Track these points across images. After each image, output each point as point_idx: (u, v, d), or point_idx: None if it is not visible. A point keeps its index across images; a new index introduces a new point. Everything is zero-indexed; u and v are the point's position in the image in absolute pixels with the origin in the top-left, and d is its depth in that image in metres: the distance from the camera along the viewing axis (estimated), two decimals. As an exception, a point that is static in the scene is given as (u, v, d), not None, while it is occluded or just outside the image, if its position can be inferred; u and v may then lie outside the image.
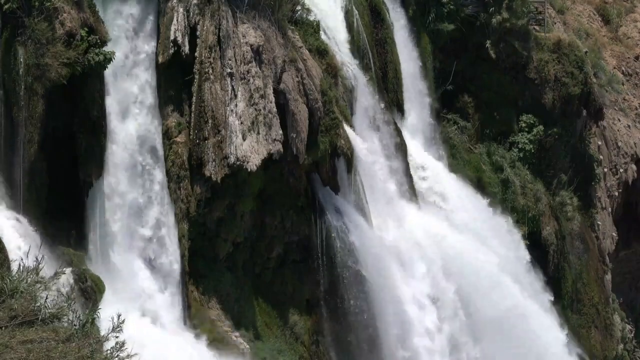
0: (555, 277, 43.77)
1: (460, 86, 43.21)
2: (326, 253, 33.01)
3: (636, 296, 53.51)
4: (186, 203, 29.60)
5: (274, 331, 32.04)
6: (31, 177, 26.26)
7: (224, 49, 29.92)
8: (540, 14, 46.66)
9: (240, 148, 29.58)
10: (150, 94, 29.47)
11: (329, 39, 35.58)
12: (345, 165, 33.63)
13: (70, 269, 25.48)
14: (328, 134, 32.43)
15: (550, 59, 44.57)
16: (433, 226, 37.40)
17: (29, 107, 25.87)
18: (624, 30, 55.58)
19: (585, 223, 46.28)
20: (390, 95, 38.66)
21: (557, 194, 44.72)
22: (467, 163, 42.21)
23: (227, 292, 31.03)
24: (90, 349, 12.06)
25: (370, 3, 38.44)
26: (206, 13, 29.81)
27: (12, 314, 12.58)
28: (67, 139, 27.34)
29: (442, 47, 42.59)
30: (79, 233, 27.69)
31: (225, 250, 31.23)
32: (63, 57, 26.06)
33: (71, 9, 26.58)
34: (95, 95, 27.23)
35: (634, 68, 54.28)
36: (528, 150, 43.86)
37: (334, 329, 33.75)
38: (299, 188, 32.69)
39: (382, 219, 35.34)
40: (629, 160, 50.66)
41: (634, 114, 52.72)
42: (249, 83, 30.19)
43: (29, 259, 13.97)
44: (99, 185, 27.71)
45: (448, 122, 42.66)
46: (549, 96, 44.37)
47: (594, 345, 45.06)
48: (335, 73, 34.53)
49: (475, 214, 39.96)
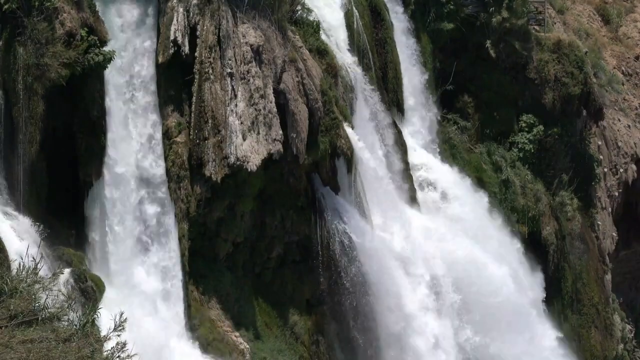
0: (555, 277, 43.76)
1: (460, 86, 43.19)
2: (326, 253, 33.00)
3: (636, 296, 53.49)
4: (186, 203, 29.59)
5: (274, 331, 32.03)
6: (31, 177, 26.25)
7: (224, 49, 29.91)
8: (540, 14, 46.65)
9: (240, 148, 29.56)
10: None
11: (329, 38, 35.57)
12: (345, 165, 33.62)
13: (70, 269, 25.48)
14: (328, 134, 32.42)
15: (550, 59, 44.54)
16: (433, 225, 37.39)
17: (29, 107, 25.87)
18: (624, 30, 55.56)
19: (585, 223, 46.26)
20: (390, 95, 38.64)
21: (557, 194, 44.70)
22: (467, 163, 42.19)
23: (227, 292, 31.02)
24: (90, 348, 12.05)
25: (370, 3, 38.43)
26: (206, 13, 29.80)
27: (12, 314, 12.57)
28: (67, 139, 27.34)
29: (442, 47, 42.59)
30: (79, 233, 27.69)
31: (225, 250, 31.22)
32: (63, 57, 26.06)
33: (71, 9, 26.58)
34: (95, 95, 27.24)
35: (634, 68, 54.26)
36: (528, 150, 43.85)
37: (334, 329, 33.74)
38: (299, 188, 32.68)
39: (382, 219, 35.32)
40: (629, 160, 50.64)
41: (634, 114, 52.69)
42: (249, 83, 30.18)
43: (28, 259, 13.95)
44: (99, 185, 27.72)
45: (448, 122, 42.65)
46: (549, 96, 44.35)
47: (594, 345, 45.04)
48: (335, 73, 34.52)
49: (475, 213, 39.93)
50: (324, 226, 32.98)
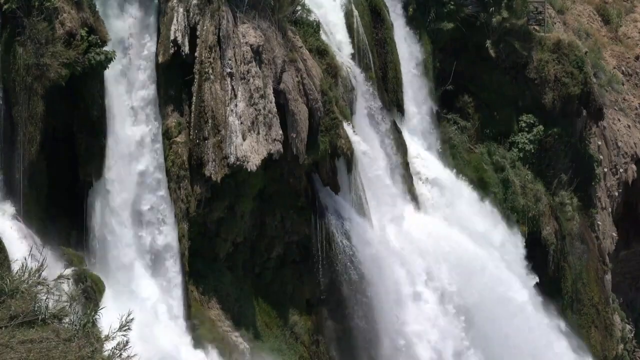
0: (555, 277, 43.77)
1: (460, 86, 43.19)
2: (326, 253, 33.00)
3: (636, 296, 53.50)
4: (186, 203, 29.59)
5: (274, 331, 32.03)
6: (31, 177, 26.24)
7: (224, 49, 29.90)
8: (540, 14, 46.63)
9: (240, 148, 29.56)
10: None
11: (329, 38, 35.57)
12: (345, 165, 33.63)
13: (70, 269, 25.48)
14: (328, 134, 32.42)
15: (550, 59, 44.53)
16: (433, 225, 37.40)
17: (29, 107, 25.86)
18: (624, 30, 55.58)
19: (585, 223, 46.27)
20: (390, 95, 38.64)
21: (557, 194, 44.70)
22: (468, 163, 42.20)
23: (227, 292, 31.02)
24: (91, 348, 12.04)
25: (370, 3, 38.42)
26: (206, 13, 29.80)
27: (12, 314, 12.56)
28: (67, 139, 27.33)
29: (442, 47, 42.59)
30: (79, 233, 27.68)
31: (225, 250, 31.22)
32: (63, 57, 26.05)
33: (71, 9, 26.56)
34: (95, 95, 27.22)
35: (634, 68, 54.28)
36: (528, 150, 43.85)
37: (334, 329, 33.74)
38: (299, 188, 32.68)
39: (382, 219, 35.33)
40: (629, 160, 50.66)
41: (634, 114, 52.71)
42: (249, 83, 30.18)
43: (29, 259, 13.93)
44: (99, 185, 27.72)
45: (448, 122, 42.65)
46: (549, 96, 44.34)
47: (594, 346, 45.04)
48: (335, 73, 34.52)
49: (475, 213, 39.96)
50: (324, 226, 32.98)
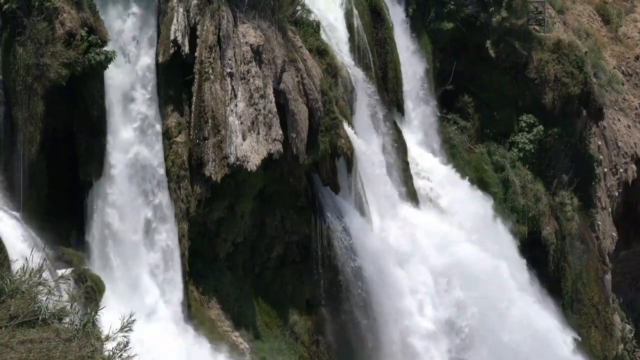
0: (555, 277, 43.76)
1: (460, 86, 43.19)
2: (326, 253, 32.99)
3: (636, 296, 53.49)
4: (186, 203, 29.58)
5: (274, 331, 32.03)
6: (31, 177, 26.24)
7: (224, 49, 29.90)
8: (540, 13, 46.62)
9: (240, 148, 29.56)
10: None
11: (329, 38, 35.57)
12: (345, 165, 33.63)
13: (70, 269, 25.48)
14: (328, 134, 32.42)
15: (550, 59, 44.53)
16: (433, 226, 37.38)
17: (29, 107, 25.86)
18: (624, 30, 55.57)
19: (585, 223, 46.27)
20: (390, 95, 38.65)
21: (557, 194, 44.70)
22: (468, 163, 42.20)
23: (227, 292, 31.01)
24: (91, 348, 12.04)
25: (370, 3, 38.43)
26: (206, 13, 29.79)
27: (12, 314, 12.55)
28: (67, 139, 27.33)
29: (442, 47, 42.60)
30: (79, 233, 27.68)
31: (225, 250, 31.21)
32: (63, 57, 26.05)
33: (71, 9, 26.56)
34: (95, 95, 27.22)
35: (634, 68, 54.27)
36: (528, 150, 43.85)
37: (334, 329, 33.74)
38: (299, 188, 32.68)
39: (382, 219, 35.32)
40: (629, 160, 50.66)
41: (634, 114, 52.70)
42: (249, 83, 30.18)
43: (30, 260, 13.93)
44: (99, 185, 27.71)
45: (448, 122, 42.65)
46: (549, 96, 44.34)
47: (594, 345, 45.03)
48: (335, 73, 34.53)
49: (475, 213, 39.94)
50: (324, 226, 32.98)
